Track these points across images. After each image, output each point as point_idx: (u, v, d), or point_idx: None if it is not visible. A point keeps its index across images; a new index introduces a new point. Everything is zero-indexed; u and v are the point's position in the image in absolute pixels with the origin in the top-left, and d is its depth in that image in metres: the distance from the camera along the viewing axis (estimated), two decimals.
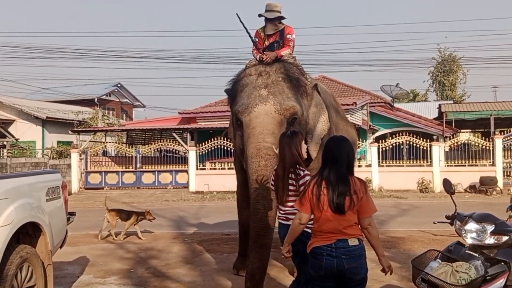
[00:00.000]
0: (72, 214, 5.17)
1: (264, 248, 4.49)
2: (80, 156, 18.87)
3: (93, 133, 21.78)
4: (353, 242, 3.06)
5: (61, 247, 4.88)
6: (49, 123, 26.58)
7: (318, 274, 3.14)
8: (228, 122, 6.11)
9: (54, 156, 23.30)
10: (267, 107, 4.71)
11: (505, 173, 16.87)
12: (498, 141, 16.90)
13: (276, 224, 4.39)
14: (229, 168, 17.25)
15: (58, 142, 26.13)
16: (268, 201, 4.47)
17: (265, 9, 5.47)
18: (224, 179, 16.41)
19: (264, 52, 5.27)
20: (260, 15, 5.50)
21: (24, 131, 25.76)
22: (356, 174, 3.25)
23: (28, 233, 4.13)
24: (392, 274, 3.31)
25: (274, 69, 5.07)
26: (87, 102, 33.35)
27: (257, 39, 5.53)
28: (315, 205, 3.12)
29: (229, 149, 17.03)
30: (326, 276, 3.12)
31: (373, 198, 3.21)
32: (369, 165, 17.56)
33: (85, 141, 20.62)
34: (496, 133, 17.65)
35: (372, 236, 3.13)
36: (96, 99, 33.93)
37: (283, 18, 5.47)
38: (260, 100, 4.76)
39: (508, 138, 17.43)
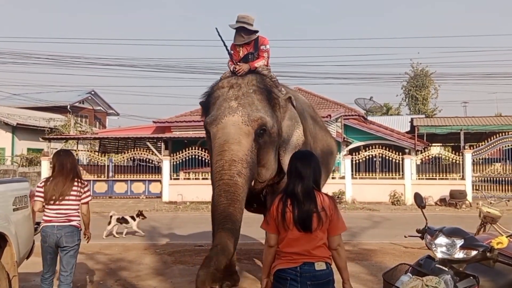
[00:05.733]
0: (39, 224, 5.04)
1: (226, 231, 4.03)
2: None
3: (64, 140, 21.40)
4: (319, 266, 2.86)
5: (27, 257, 4.78)
6: (19, 129, 26.03)
7: None
8: (204, 131, 6.07)
9: (24, 164, 22.81)
10: (234, 118, 4.69)
11: (474, 187, 17.23)
12: (468, 155, 17.29)
13: None
14: (203, 178, 17.19)
15: (29, 149, 25.60)
16: (231, 195, 4.35)
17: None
18: (198, 189, 16.31)
19: (238, 64, 5.24)
20: (230, 26, 5.52)
21: None
22: (330, 186, 3.20)
23: None
24: None
25: (246, 81, 5.05)
26: (60, 109, 32.76)
27: (232, 51, 5.52)
28: (280, 224, 2.91)
29: (203, 159, 16.97)
30: None
31: (346, 210, 3.16)
32: (343, 177, 17.69)
33: (56, 148, 20.17)
34: (466, 147, 18.02)
35: (341, 257, 2.97)
36: (69, 106, 33.33)
37: (246, 29, 5.35)
38: (229, 111, 4.75)
39: (478, 152, 17.84)
